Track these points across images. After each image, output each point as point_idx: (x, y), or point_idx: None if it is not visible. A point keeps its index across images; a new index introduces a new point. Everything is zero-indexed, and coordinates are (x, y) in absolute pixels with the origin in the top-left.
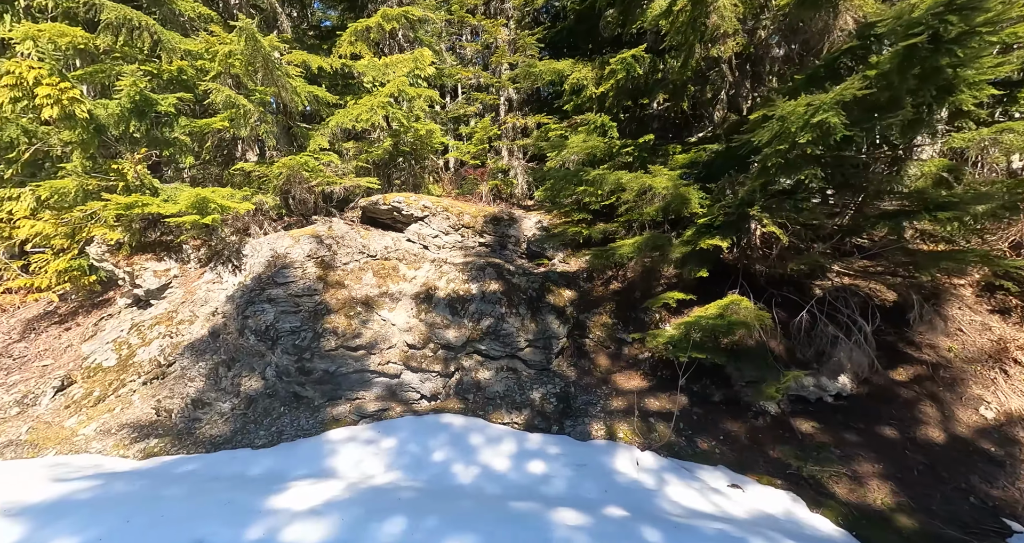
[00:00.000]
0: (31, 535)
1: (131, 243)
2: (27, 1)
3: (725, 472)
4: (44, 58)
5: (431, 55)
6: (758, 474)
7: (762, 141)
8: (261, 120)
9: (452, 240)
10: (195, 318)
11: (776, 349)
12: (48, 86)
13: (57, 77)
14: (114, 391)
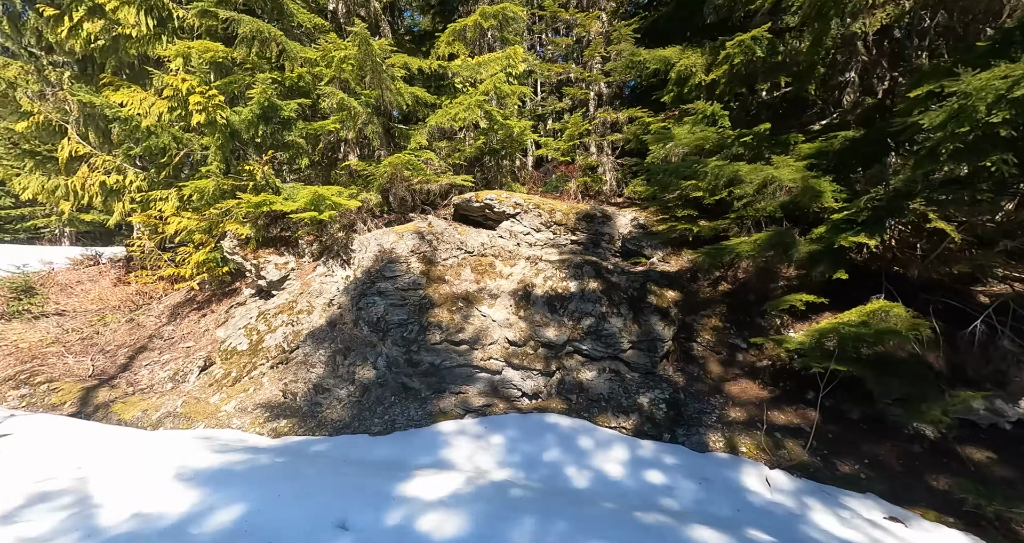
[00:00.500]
0: (205, 498)
1: (257, 238)
2: (179, 22)
3: (878, 502)
4: (194, 71)
5: (523, 52)
6: (921, 508)
7: (932, 123)
8: (368, 122)
9: (543, 237)
10: (312, 308)
11: (936, 364)
12: (199, 95)
13: (205, 87)
14: (247, 373)
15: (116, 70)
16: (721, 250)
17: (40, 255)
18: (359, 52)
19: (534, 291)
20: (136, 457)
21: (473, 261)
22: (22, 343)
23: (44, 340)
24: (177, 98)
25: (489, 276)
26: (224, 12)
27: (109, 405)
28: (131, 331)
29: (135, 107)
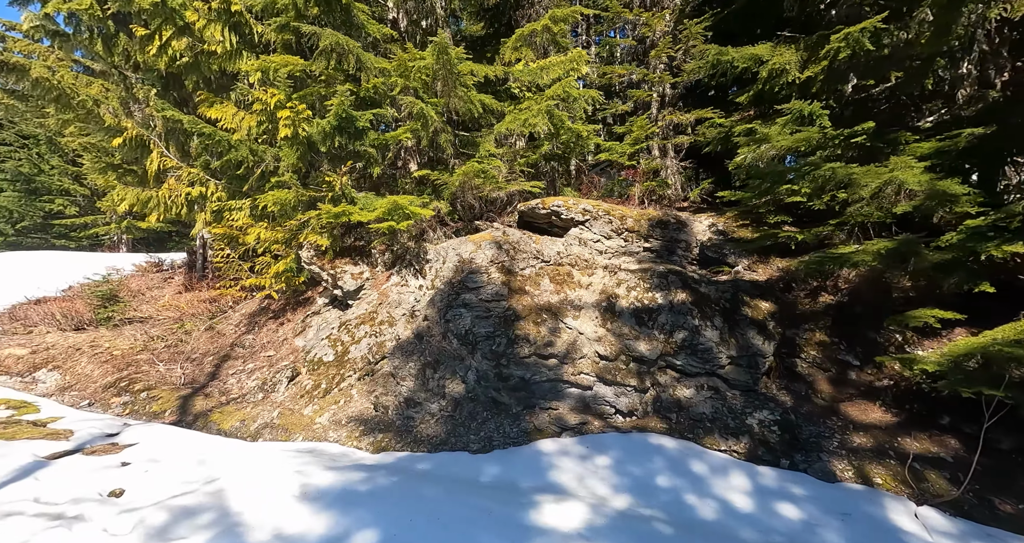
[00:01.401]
0: (338, 521)
1: (334, 248)
2: (258, 38)
3: None
4: (279, 86)
5: (586, 54)
6: None
7: None
8: (442, 130)
9: (614, 245)
10: (393, 320)
11: None
12: (287, 110)
13: (294, 101)
14: (336, 385)
15: (196, 86)
16: (832, 259)
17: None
18: (436, 61)
19: (619, 302)
20: (256, 471)
21: (550, 271)
22: (115, 350)
23: (134, 347)
24: (265, 112)
25: (568, 286)
26: (307, 27)
27: (207, 414)
28: (212, 339)
29: (227, 122)
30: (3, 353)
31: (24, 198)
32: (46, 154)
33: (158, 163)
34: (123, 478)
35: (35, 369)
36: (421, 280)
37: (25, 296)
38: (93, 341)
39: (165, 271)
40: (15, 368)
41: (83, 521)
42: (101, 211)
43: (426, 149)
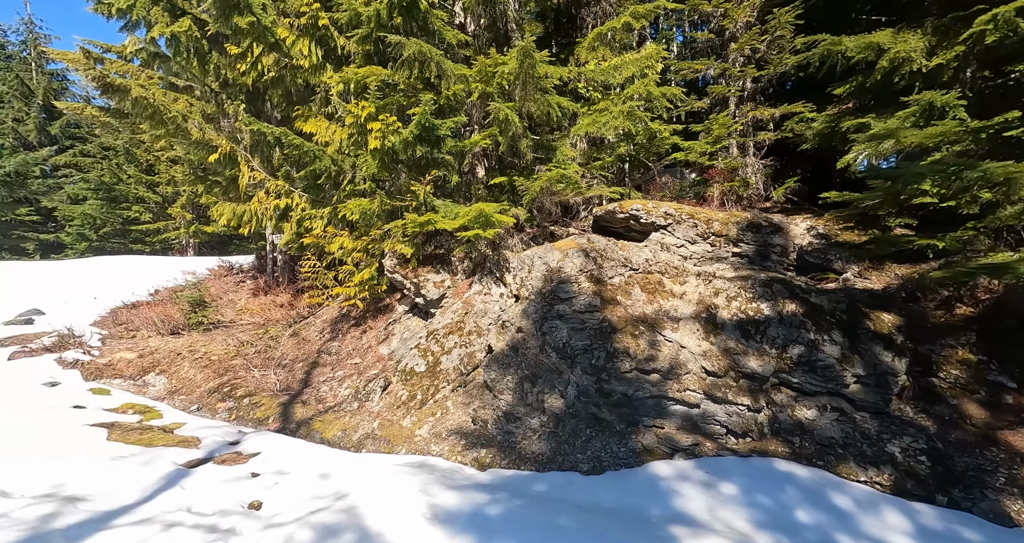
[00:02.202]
0: None
1: (417, 257)
2: (341, 51)
3: None
4: (368, 97)
5: (660, 50)
6: None
7: None
8: (522, 135)
9: (699, 250)
10: (480, 330)
11: None
12: (379, 122)
13: (386, 113)
14: (431, 396)
15: (281, 99)
16: (990, 268)
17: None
18: (518, 65)
19: (719, 313)
20: (380, 487)
21: (640, 279)
22: (212, 356)
23: (228, 353)
24: (355, 124)
25: (660, 296)
26: (393, 37)
27: (309, 423)
28: (298, 345)
29: (321, 135)
30: (115, 357)
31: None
32: (124, 164)
33: (248, 177)
34: (257, 490)
35: (144, 373)
36: (502, 288)
37: (122, 300)
38: (190, 346)
39: (236, 275)
40: (127, 371)
41: (237, 535)
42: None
43: (495, 155)
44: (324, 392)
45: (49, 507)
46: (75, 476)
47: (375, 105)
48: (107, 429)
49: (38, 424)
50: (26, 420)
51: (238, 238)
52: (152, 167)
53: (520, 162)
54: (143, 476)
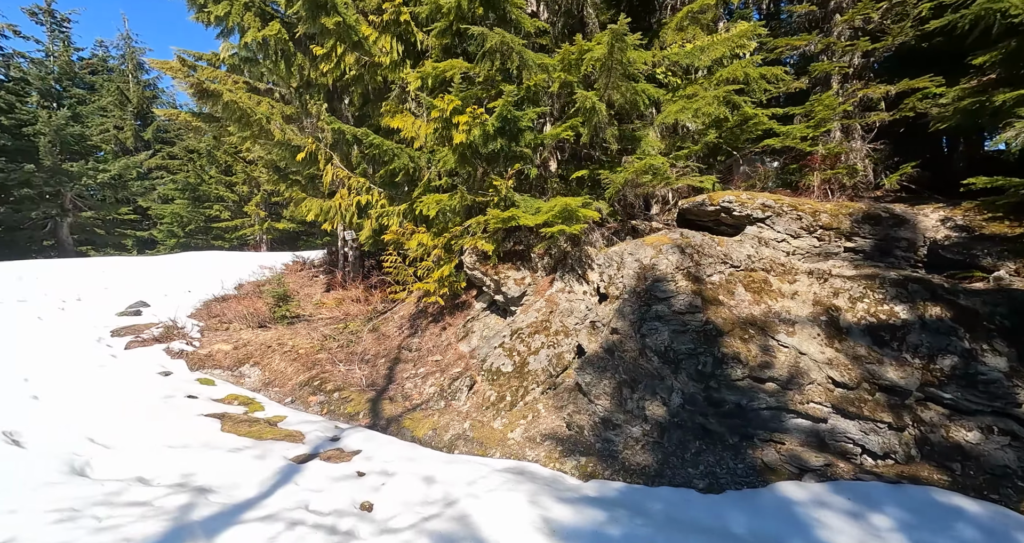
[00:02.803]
0: None
1: (498, 253)
2: (420, 46)
3: None
4: (452, 91)
5: (755, 27)
6: None
7: None
8: (608, 124)
9: (805, 245)
10: (567, 329)
11: None
12: (466, 115)
13: (474, 106)
14: (520, 398)
15: (359, 98)
16: None
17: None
18: (608, 51)
19: (842, 316)
20: (487, 494)
21: (742, 277)
22: (300, 349)
23: (314, 347)
24: (441, 119)
25: (768, 296)
26: (475, 29)
27: (399, 420)
28: (378, 341)
29: (407, 131)
30: (213, 348)
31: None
32: (206, 166)
33: (331, 174)
34: (366, 491)
35: (240, 364)
36: (585, 286)
37: (212, 293)
38: (278, 339)
39: (308, 270)
40: (224, 362)
41: (356, 539)
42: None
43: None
44: (409, 389)
45: (184, 497)
46: (200, 467)
47: (461, 99)
48: (219, 420)
49: (160, 412)
50: (150, 408)
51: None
52: (230, 168)
53: (600, 154)
54: (259, 470)
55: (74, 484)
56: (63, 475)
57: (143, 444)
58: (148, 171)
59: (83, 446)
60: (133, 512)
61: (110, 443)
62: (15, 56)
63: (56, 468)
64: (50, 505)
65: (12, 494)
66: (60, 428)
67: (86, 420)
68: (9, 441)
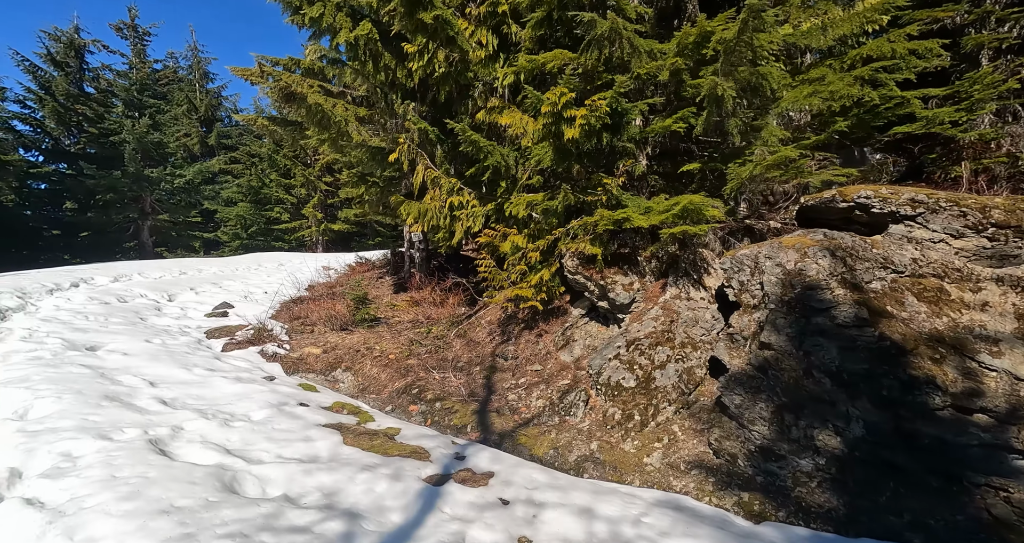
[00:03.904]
0: None
1: (605, 257)
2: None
3: None
4: (561, 83)
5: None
6: None
7: None
8: (731, 113)
9: (971, 245)
10: (694, 342)
11: None
12: (584, 108)
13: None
14: (651, 417)
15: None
16: None
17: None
18: (738, 32)
19: None
20: (660, 537)
21: (909, 284)
22: (389, 354)
23: (402, 352)
24: (552, 113)
25: (948, 307)
26: (585, 14)
27: (512, 435)
28: (468, 347)
29: (516, 127)
30: (304, 351)
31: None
32: (267, 170)
33: (423, 175)
34: (520, 524)
35: (331, 368)
36: (703, 292)
37: (288, 295)
38: (365, 343)
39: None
40: (316, 366)
41: None
42: (304, 217)
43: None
44: (512, 400)
45: (339, 525)
46: (340, 486)
47: (572, 92)
48: (338, 431)
49: (280, 421)
50: (270, 417)
51: (357, 235)
52: (289, 171)
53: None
54: (399, 492)
55: (232, 504)
56: (219, 493)
57: (274, 457)
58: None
59: (222, 458)
60: (299, 541)
61: (244, 454)
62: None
63: (212, 485)
64: (221, 528)
65: (185, 514)
66: (196, 437)
67: (216, 430)
68: (157, 451)
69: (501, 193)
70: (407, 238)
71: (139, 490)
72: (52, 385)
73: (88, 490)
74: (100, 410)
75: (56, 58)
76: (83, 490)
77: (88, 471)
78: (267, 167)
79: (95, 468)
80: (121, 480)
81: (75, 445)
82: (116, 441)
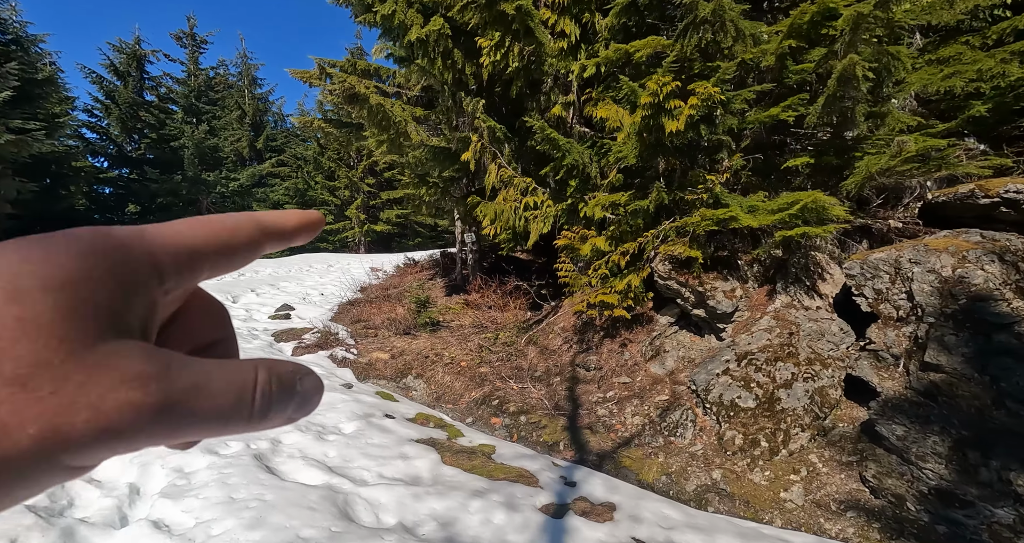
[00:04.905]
0: None
1: (704, 260)
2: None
3: None
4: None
5: None
6: None
7: None
8: (861, 98)
9: None
10: (822, 357)
11: None
12: (695, 97)
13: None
14: (782, 444)
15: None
16: None
17: (365, 262)
18: (872, 5)
19: None
20: None
21: None
22: (460, 361)
23: (474, 359)
24: (653, 105)
25: None
26: None
27: (613, 457)
28: (543, 355)
29: (613, 120)
30: (372, 356)
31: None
32: (313, 172)
33: (495, 174)
34: None
35: (402, 375)
36: (818, 301)
37: (344, 296)
38: (431, 348)
39: (420, 272)
40: (385, 372)
41: None
42: (348, 218)
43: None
44: (604, 416)
45: None
46: (454, 515)
47: (673, 80)
48: (432, 448)
49: (371, 435)
50: (360, 430)
51: (398, 236)
52: (333, 173)
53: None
54: (518, 524)
55: (355, 534)
56: (339, 521)
57: (376, 477)
58: (262, 178)
59: (328, 477)
60: None
61: (346, 472)
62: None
63: (329, 511)
64: None
65: None
66: (295, 452)
67: (313, 444)
68: (264, 468)
69: (571, 193)
70: (459, 239)
71: (262, 516)
72: None
73: (211, 514)
74: None
75: (119, 68)
76: (207, 513)
77: (206, 491)
78: (312, 169)
79: (212, 488)
80: (241, 503)
81: (186, 460)
82: (223, 456)
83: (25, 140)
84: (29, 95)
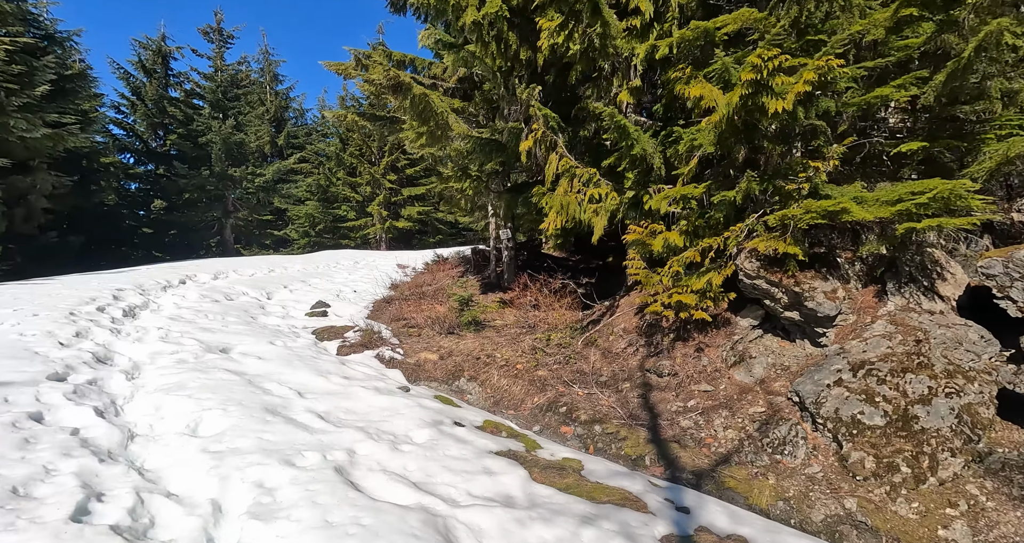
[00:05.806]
0: None
1: (800, 257)
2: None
3: None
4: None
5: None
6: None
7: None
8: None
9: None
10: (962, 369)
11: None
12: (811, 71)
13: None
14: (928, 471)
15: (577, 77)
16: None
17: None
18: None
19: None
20: None
21: None
22: (516, 364)
23: (528, 362)
24: (754, 82)
25: None
26: None
27: (713, 476)
28: (605, 359)
29: (708, 100)
30: (420, 357)
31: (321, 206)
32: (335, 168)
33: (556, 165)
34: None
35: (453, 377)
36: (939, 303)
37: (378, 293)
38: (481, 349)
39: (450, 268)
40: (436, 373)
41: None
42: (369, 214)
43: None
44: (689, 428)
45: None
46: None
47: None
48: (516, 463)
49: (449, 448)
50: (434, 441)
51: (419, 233)
52: (355, 169)
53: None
54: None
55: None
56: None
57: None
58: (284, 174)
59: (418, 496)
60: None
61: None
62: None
63: (433, 538)
64: None
65: None
66: (374, 465)
67: (389, 456)
68: (348, 483)
69: (629, 185)
70: (493, 235)
71: None
72: (211, 394)
73: (310, 540)
74: (268, 426)
75: (146, 65)
76: (305, 540)
77: (296, 512)
78: (334, 166)
79: (302, 508)
80: (339, 528)
81: (265, 472)
82: (302, 468)
83: (60, 134)
84: (63, 90)
